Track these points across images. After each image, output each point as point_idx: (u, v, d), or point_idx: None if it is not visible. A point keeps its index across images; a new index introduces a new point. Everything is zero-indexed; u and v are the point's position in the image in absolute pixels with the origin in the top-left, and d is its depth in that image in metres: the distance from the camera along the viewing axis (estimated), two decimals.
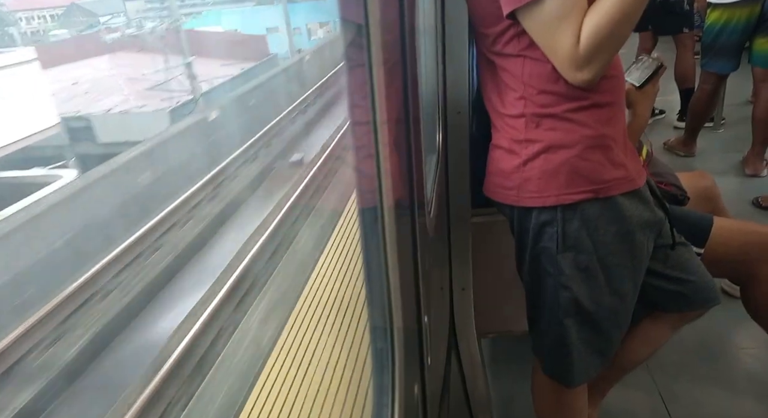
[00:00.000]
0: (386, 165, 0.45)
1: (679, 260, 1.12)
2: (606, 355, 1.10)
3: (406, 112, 0.56)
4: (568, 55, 0.86)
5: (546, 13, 0.85)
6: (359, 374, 1.34)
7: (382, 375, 0.54)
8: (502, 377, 1.63)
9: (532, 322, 1.13)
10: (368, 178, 0.45)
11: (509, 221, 1.07)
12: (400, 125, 0.53)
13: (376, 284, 0.51)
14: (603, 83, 0.92)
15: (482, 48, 1.02)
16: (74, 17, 24.15)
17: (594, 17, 0.84)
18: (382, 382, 0.54)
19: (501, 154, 1.01)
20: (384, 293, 0.49)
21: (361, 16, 0.38)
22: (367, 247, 0.51)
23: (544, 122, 0.94)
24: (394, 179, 0.47)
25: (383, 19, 0.42)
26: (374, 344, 0.55)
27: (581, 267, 0.99)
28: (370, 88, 0.41)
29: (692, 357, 1.67)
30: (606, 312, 1.04)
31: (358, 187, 0.46)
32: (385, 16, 0.43)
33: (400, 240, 0.51)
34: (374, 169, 0.44)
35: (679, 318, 1.21)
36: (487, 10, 0.93)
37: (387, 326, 0.50)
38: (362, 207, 0.47)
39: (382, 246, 0.47)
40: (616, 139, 0.96)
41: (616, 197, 0.96)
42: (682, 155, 3.06)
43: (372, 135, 0.42)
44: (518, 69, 0.94)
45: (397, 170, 0.50)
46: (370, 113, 0.41)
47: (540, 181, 0.96)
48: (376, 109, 0.42)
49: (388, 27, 0.46)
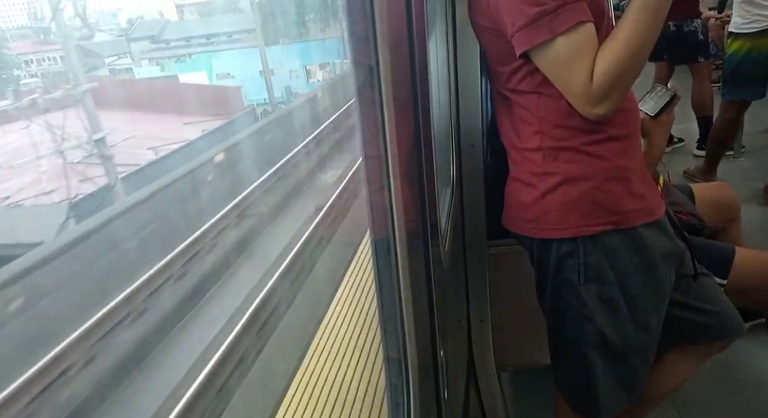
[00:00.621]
0: (398, 198, 0.46)
1: (702, 290, 1.10)
2: (632, 388, 1.07)
3: (418, 146, 0.57)
4: (582, 91, 0.87)
5: (558, 52, 0.86)
6: (377, 411, 1.32)
7: (397, 411, 0.53)
8: (524, 412, 1.59)
9: (554, 355, 1.11)
10: (381, 211, 0.46)
11: (529, 252, 1.06)
12: (412, 159, 0.54)
13: (390, 317, 0.51)
14: (618, 116, 0.93)
15: (497, 84, 1.04)
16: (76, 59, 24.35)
17: (606, 54, 0.86)
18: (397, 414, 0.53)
19: (519, 187, 1.02)
20: (398, 325, 0.50)
21: (372, 57, 0.40)
22: (381, 279, 0.52)
23: (562, 155, 0.95)
24: (407, 211, 0.48)
25: (393, 59, 0.44)
26: (389, 379, 0.54)
27: (604, 299, 0.98)
28: (381, 124, 0.42)
29: (719, 390, 1.61)
30: (631, 344, 1.02)
31: (371, 219, 0.47)
32: (394, 56, 0.45)
33: (414, 272, 0.52)
34: (386, 202, 0.45)
35: (705, 350, 1.17)
36: (501, 49, 0.95)
37: (401, 359, 0.50)
38: (375, 238, 0.48)
39: (395, 278, 0.47)
40: (634, 171, 0.97)
41: (637, 228, 0.96)
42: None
43: (384, 168, 0.44)
44: (533, 105, 0.96)
45: (410, 203, 0.50)
46: (381, 148, 0.43)
47: (559, 213, 0.96)
48: (387, 143, 0.43)
49: (398, 66, 0.47)
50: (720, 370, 1.63)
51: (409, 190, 0.53)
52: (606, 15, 0.94)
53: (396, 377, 0.52)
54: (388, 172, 0.44)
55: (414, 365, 0.51)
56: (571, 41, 0.85)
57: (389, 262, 0.48)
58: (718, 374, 1.63)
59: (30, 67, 19.32)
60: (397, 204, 0.46)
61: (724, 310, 1.11)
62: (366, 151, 0.45)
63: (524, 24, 0.86)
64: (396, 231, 0.47)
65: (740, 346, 1.16)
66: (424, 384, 0.55)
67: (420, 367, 0.54)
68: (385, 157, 0.43)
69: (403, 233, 0.49)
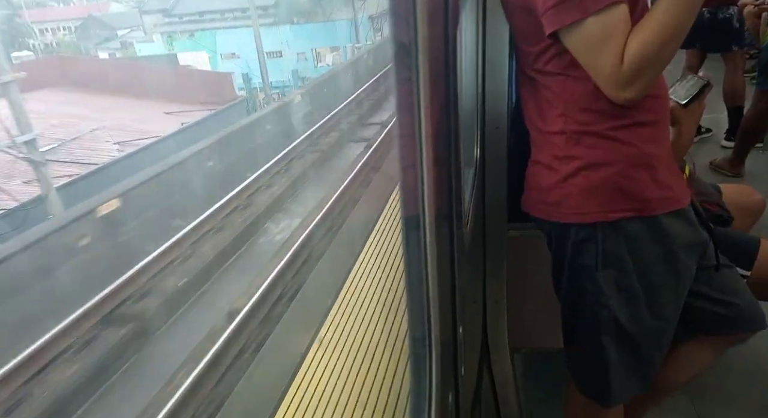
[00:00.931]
0: (429, 176, 0.47)
1: (724, 282, 1.09)
2: (645, 377, 1.08)
3: (448, 125, 0.58)
4: (611, 74, 0.86)
5: (589, 33, 0.85)
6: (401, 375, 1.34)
7: (420, 381, 0.55)
8: (535, 393, 1.61)
9: (568, 339, 1.12)
10: (411, 189, 0.47)
11: (547, 236, 1.07)
12: (442, 137, 0.55)
13: (416, 291, 0.52)
14: (646, 102, 0.92)
15: (523, 65, 1.03)
16: (91, 30, 22.54)
17: (639, 37, 0.84)
18: (420, 387, 0.55)
19: (540, 170, 1.02)
20: (424, 299, 0.51)
21: (411, 35, 0.41)
22: (409, 254, 0.53)
23: (585, 140, 0.94)
24: (437, 190, 0.49)
25: (430, 35, 0.45)
26: (413, 348, 0.56)
27: (621, 286, 0.98)
28: (417, 102, 0.43)
29: (734, 382, 1.61)
30: (646, 332, 1.03)
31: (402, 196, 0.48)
32: (432, 32, 0.46)
33: (440, 250, 0.53)
34: (418, 180, 0.46)
35: (723, 341, 1.17)
36: (530, 28, 0.94)
37: (425, 331, 0.52)
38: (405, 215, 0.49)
39: (423, 254, 0.48)
40: (660, 159, 0.95)
41: (660, 217, 0.95)
42: (729, 176, 2.96)
43: (417, 145, 0.44)
44: (559, 87, 0.95)
45: (439, 181, 0.51)
46: (416, 124, 0.43)
47: (580, 198, 0.96)
48: (421, 120, 0.44)
49: (434, 44, 0.48)
50: (735, 361, 1.63)
51: (439, 169, 0.54)
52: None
53: (420, 346, 0.54)
54: (421, 148, 0.45)
55: (437, 338, 0.52)
56: (603, 22, 0.84)
57: (417, 238, 0.49)
58: (733, 365, 1.63)
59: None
60: (428, 182, 0.46)
61: (745, 302, 1.10)
62: (401, 127, 0.46)
63: (555, 2, 0.85)
64: (426, 209, 0.48)
65: (758, 338, 1.16)
66: (444, 358, 0.56)
67: (441, 340, 0.55)
68: (419, 133, 0.44)
69: (432, 211, 0.50)
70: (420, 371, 0.55)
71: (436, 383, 0.52)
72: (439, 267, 0.54)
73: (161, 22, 18.45)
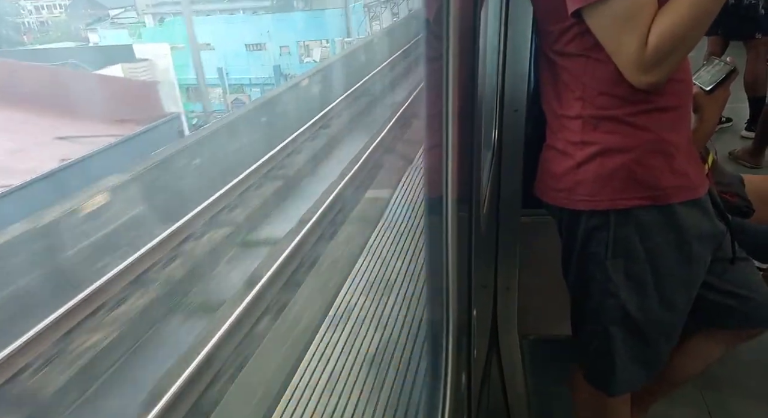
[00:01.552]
0: (453, 157, 0.46)
1: (739, 275, 1.07)
2: (652, 367, 1.08)
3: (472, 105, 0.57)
4: (634, 57, 0.83)
5: (613, 12, 0.82)
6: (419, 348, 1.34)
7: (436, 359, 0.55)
8: (542, 379, 1.61)
9: (575, 326, 1.12)
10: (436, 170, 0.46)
11: (558, 223, 1.05)
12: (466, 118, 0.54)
13: (437, 271, 0.52)
14: (668, 86, 0.89)
15: (544, 46, 1.01)
16: (80, 9, 20.03)
17: (665, 19, 0.82)
18: (436, 364, 0.55)
19: (554, 155, 1.00)
20: (444, 283, 0.51)
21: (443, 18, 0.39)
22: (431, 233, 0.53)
23: (602, 125, 0.92)
24: (460, 171, 0.48)
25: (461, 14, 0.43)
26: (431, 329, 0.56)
27: (631, 275, 0.97)
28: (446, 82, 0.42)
29: (746, 374, 1.60)
30: (654, 323, 1.02)
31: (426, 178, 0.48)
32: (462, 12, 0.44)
33: (460, 233, 0.53)
34: (443, 161, 0.45)
35: (735, 335, 1.16)
36: (552, 7, 0.92)
37: (444, 314, 0.52)
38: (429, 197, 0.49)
39: (444, 238, 0.48)
40: (678, 146, 0.93)
41: (674, 206, 0.93)
42: (748, 166, 2.92)
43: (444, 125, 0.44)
44: (580, 69, 0.93)
45: (462, 163, 0.51)
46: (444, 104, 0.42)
47: (594, 185, 0.94)
48: (448, 100, 0.43)
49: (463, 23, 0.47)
50: (745, 352, 1.62)
51: (462, 151, 0.53)
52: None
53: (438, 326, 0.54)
54: (447, 129, 0.44)
55: (453, 321, 0.52)
56: (628, 2, 0.81)
57: (439, 219, 0.48)
58: (743, 357, 1.62)
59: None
60: (452, 163, 0.46)
61: (759, 297, 1.08)
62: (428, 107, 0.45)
63: None
64: (449, 191, 0.47)
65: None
66: (460, 338, 0.56)
67: (458, 324, 0.55)
68: (446, 117, 0.43)
69: (455, 194, 0.49)
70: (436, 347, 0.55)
71: (452, 362, 0.53)
72: (459, 251, 0.53)
73: (154, 2, 16.20)
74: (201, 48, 13.52)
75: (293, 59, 14.76)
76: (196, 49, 11.92)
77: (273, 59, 14.54)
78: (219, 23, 15.02)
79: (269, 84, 13.33)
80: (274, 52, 14.70)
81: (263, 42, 14.56)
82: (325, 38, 14.81)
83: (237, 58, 14.23)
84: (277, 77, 14.12)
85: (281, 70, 14.37)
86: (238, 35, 13.99)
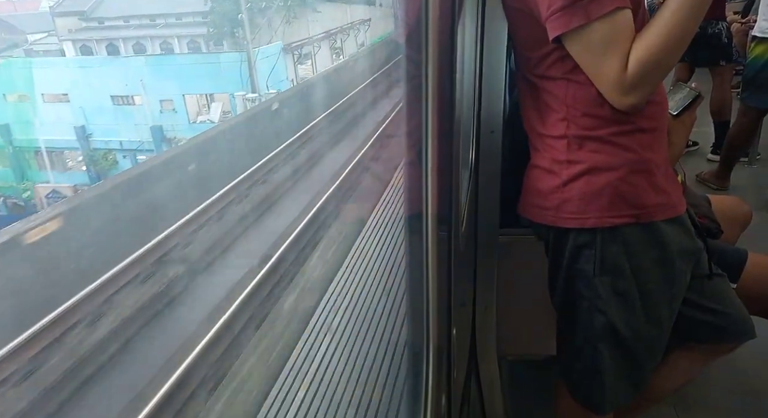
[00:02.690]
0: (432, 176, 0.46)
1: (715, 291, 1.10)
2: (639, 383, 1.08)
3: (451, 126, 0.57)
4: (614, 80, 0.86)
5: (593, 38, 0.85)
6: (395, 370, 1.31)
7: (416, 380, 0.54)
8: (521, 400, 1.61)
9: (561, 345, 1.12)
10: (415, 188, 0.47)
11: (544, 241, 1.06)
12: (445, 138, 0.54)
13: (417, 290, 0.52)
14: (647, 109, 0.92)
15: (524, 70, 1.03)
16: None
17: (644, 43, 0.84)
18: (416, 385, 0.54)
19: (540, 174, 1.01)
20: (423, 302, 0.50)
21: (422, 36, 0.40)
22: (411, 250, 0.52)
23: (587, 144, 0.94)
24: (439, 190, 0.49)
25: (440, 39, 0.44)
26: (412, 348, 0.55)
27: (618, 292, 0.98)
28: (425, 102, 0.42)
29: (721, 395, 1.62)
30: (642, 339, 1.03)
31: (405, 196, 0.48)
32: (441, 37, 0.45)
33: (439, 252, 0.52)
34: (422, 179, 0.45)
35: (712, 350, 1.18)
36: (532, 33, 0.94)
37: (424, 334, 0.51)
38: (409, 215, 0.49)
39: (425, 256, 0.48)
40: (658, 165, 0.96)
41: (658, 223, 0.95)
42: (714, 188, 3.01)
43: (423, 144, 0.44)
44: (561, 91, 0.95)
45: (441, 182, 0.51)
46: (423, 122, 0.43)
47: (581, 203, 0.96)
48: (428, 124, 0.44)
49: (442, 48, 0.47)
50: (718, 374, 1.64)
51: (441, 170, 0.54)
52: (642, 6, 0.93)
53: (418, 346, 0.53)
54: (427, 148, 0.45)
55: (434, 340, 0.52)
56: (607, 27, 0.84)
57: (420, 238, 0.48)
58: (722, 378, 1.64)
59: None
60: (432, 182, 0.46)
61: (735, 312, 1.11)
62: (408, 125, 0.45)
63: (560, 7, 0.85)
64: (429, 209, 0.47)
65: (743, 351, 1.17)
66: (440, 359, 0.56)
67: (438, 343, 0.55)
68: (426, 133, 0.44)
69: (434, 213, 0.49)
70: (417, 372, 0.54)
71: (432, 384, 0.52)
72: (438, 269, 0.53)
73: (77, 26, 13.74)
74: (52, 99, 10.78)
75: (180, 117, 11.02)
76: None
77: (152, 117, 11.03)
78: (73, 67, 11.35)
79: (146, 150, 10.43)
80: (153, 107, 11.07)
81: (134, 94, 10.97)
82: (223, 92, 11.03)
83: (101, 114, 10.74)
84: (158, 142, 10.88)
85: (163, 133, 10.99)
86: (101, 84, 10.62)
